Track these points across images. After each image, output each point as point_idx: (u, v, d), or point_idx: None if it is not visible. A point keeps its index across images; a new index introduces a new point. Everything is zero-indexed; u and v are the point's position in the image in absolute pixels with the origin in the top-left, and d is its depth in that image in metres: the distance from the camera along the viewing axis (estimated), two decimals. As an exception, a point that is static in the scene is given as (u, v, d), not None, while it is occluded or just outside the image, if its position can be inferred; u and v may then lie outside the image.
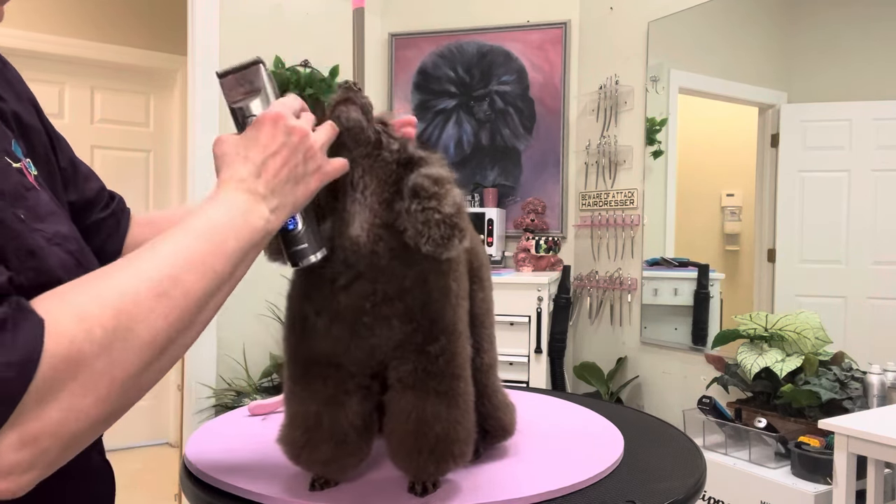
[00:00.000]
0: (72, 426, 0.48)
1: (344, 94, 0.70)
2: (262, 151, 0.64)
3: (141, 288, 0.52)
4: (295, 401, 0.74)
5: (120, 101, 4.12)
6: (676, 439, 0.97)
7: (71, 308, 0.49)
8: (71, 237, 0.63)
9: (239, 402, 2.74)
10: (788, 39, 2.57)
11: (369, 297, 0.68)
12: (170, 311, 0.53)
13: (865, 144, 2.28)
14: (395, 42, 3.46)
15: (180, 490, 1.76)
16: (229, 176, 0.63)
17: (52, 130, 0.78)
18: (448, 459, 0.72)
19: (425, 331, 0.69)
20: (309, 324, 0.71)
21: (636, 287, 2.97)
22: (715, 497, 2.13)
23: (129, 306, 0.51)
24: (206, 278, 0.57)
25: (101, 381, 0.49)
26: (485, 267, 0.87)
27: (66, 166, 0.79)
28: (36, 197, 0.61)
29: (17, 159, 0.62)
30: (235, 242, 0.59)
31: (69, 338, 0.47)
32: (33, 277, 0.54)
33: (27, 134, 0.69)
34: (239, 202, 0.61)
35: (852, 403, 2.07)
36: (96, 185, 0.84)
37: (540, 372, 2.71)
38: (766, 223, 2.57)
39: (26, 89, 0.76)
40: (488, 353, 0.85)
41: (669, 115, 2.89)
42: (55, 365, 0.46)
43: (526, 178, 3.29)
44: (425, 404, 0.70)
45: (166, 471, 3.73)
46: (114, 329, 0.49)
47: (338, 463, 0.74)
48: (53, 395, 0.46)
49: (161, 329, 0.53)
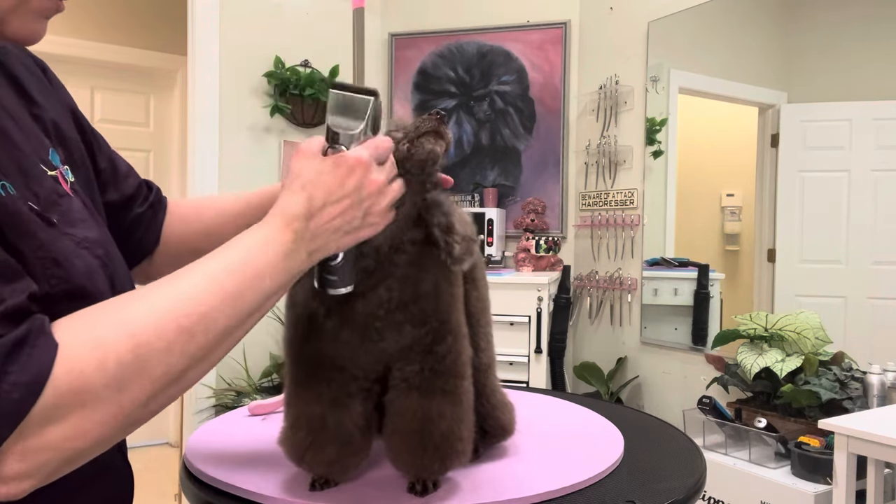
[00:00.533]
0: (74, 444, 0.49)
1: (435, 125, 0.70)
2: (326, 195, 0.61)
3: (165, 321, 0.52)
4: (298, 403, 0.74)
5: (120, 101, 4.12)
6: (676, 439, 0.97)
7: (90, 336, 0.49)
8: (98, 242, 0.64)
9: (239, 402, 2.74)
10: (788, 39, 2.57)
11: (384, 304, 0.69)
12: (190, 347, 0.53)
13: (865, 144, 2.28)
14: (395, 42, 3.46)
15: (180, 490, 1.76)
16: (282, 209, 0.61)
17: (90, 133, 0.80)
18: (451, 457, 0.72)
19: (435, 332, 0.71)
20: (316, 324, 0.71)
21: (636, 287, 2.97)
22: (715, 497, 2.13)
23: (150, 339, 0.51)
24: (233, 317, 0.56)
25: (107, 409, 0.49)
26: (478, 266, 0.87)
27: (105, 167, 0.81)
28: (69, 203, 0.63)
29: (53, 167, 0.64)
30: (270, 282, 0.58)
31: (80, 368, 0.48)
32: (56, 284, 0.55)
33: (66, 142, 0.71)
34: (283, 242, 0.59)
35: (852, 403, 2.07)
36: (135, 182, 0.86)
37: (540, 372, 2.71)
38: (766, 223, 2.57)
39: (66, 95, 0.78)
40: (486, 353, 0.86)
41: (669, 115, 2.89)
42: (61, 392, 0.47)
43: (526, 178, 3.29)
44: (431, 403, 0.71)
45: (166, 471, 3.73)
46: (129, 362, 0.50)
47: (341, 463, 0.75)
48: (58, 417, 0.48)
49: (177, 364, 0.52)
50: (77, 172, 0.70)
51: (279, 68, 3.05)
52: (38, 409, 0.47)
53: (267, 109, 3.07)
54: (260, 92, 3.09)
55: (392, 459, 0.76)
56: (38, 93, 0.71)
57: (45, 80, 0.74)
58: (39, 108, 0.69)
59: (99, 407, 0.49)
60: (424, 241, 0.70)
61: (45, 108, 0.69)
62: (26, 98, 0.69)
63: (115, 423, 0.50)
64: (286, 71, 3.06)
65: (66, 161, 0.69)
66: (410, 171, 0.70)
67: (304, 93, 3.06)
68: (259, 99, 3.08)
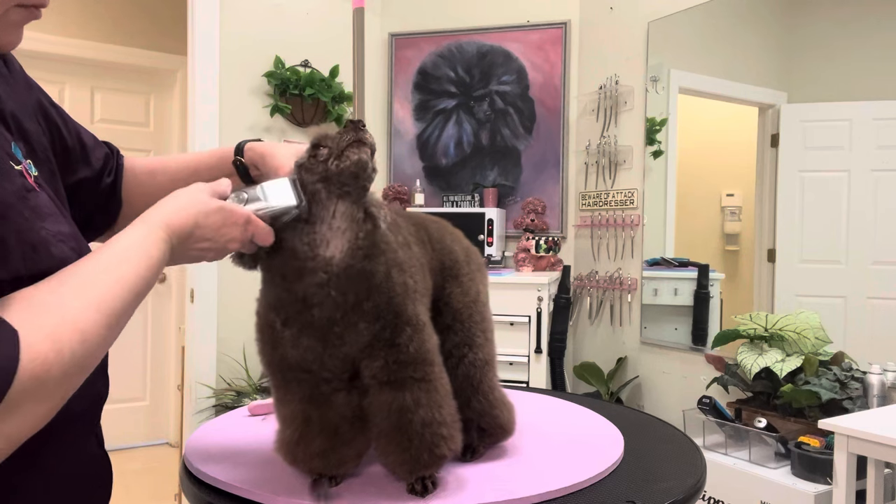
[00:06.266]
0: (25, 428, 0.51)
1: (354, 135, 0.72)
2: (204, 231, 0.70)
3: (100, 316, 0.56)
4: (280, 405, 0.77)
5: (120, 101, 4.12)
6: (676, 439, 0.97)
7: (42, 328, 0.52)
8: (71, 236, 0.65)
9: (239, 402, 2.74)
10: (788, 39, 2.57)
11: (340, 306, 0.71)
12: (112, 338, 0.58)
13: (865, 144, 2.28)
14: (395, 42, 3.46)
15: (180, 490, 1.76)
16: (168, 222, 0.67)
17: (56, 114, 0.80)
18: (440, 443, 0.73)
19: (392, 325, 0.72)
20: (276, 333, 0.73)
21: (636, 287, 2.97)
22: (715, 497, 2.13)
23: (92, 335, 0.55)
24: (132, 309, 0.61)
25: (57, 394, 0.53)
26: (461, 263, 0.88)
27: (73, 144, 0.82)
28: (36, 198, 0.63)
29: (18, 161, 0.64)
30: (152, 278, 0.64)
31: (42, 357, 0.50)
32: (32, 267, 0.58)
33: (27, 136, 0.71)
34: (163, 249, 0.66)
35: (852, 403, 2.07)
36: (101, 153, 0.88)
37: (540, 372, 2.71)
38: (766, 223, 2.57)
39: (26, 82, 0.77)
40: (483, 349, 0.86)
41: (669, 115, 2.89)
42: (26, 380, 0.49)
43: (526, 178, 3.29)
44: (404, 393, 0.73)
45: (166, 471, 3.73)
46: (80, 354, 0.53)
47: (335, 454, 0.75)
48: (20, 404, 0.49)
49: (100, 355, 0.57)
50: (40, 167, 0.70)
51: (279, 68, 3.05)
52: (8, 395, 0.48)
53: (267, 109, 3.07)
54: (260, 92, 3.09)
55: (384, 464, 0.76)
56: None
57: (4, 70, 0.73)
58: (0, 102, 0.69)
59: (51, 395, 0.51)
60: (372, 230, 0.72)
61: (3, 101, 0.69)
62: None
63: (50, 415, 0.53)
64: (286, 71, 3.06)
65: (28, 155, 0.69)
66: (346, 182, 0.72)
67: (305, 93, 3.06)
68: (259, 99, 3.08)
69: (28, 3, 0.59)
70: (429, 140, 3.44)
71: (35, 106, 0.76)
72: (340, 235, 0.72)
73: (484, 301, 0.90)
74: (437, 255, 0.85)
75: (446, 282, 0.85)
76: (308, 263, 0.71)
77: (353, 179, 0.72)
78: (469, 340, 0.85)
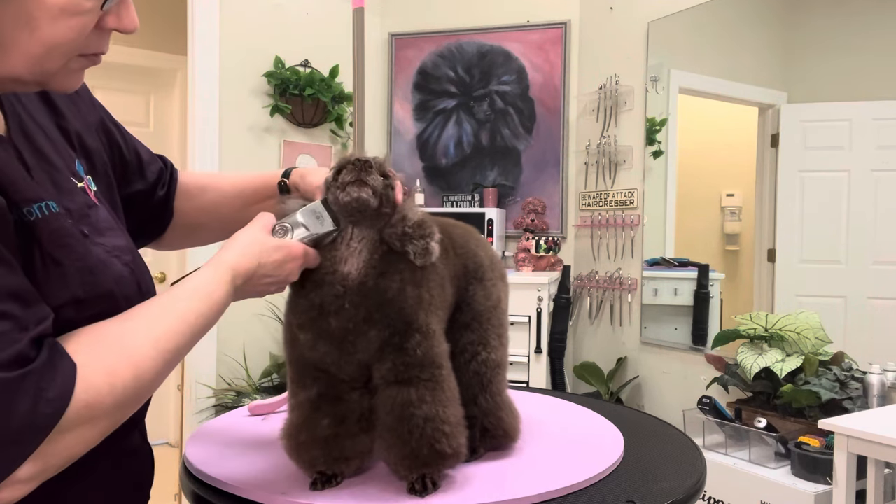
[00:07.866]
0: (76, 451, 0.58)
1: (356, 175, 0.75)
2: (267, 269, 0.75)
3: (157, 353, 0.62)
4: (295, 394, 0.80)
5: (120, 101, 4.12)
6: (676, 439, 0.97)
7: (101, 362, 0.59)
8: (127, 249, 0.71)
9: (239, 402, 2.74)
10: (788, 39, 2.57)
11: (353, 318, 0.74)
12: (166, 374, 0.64)
13: (865, 144, 2.28)
14: (395, 42, 3.46)
15: (180, 490, 1.76)
16: (233, 266, 0.73)
17: (117, 130, 0.87)
18: (441, 438, 0.73)
19: (401, 332, 0.75)
20: (294, 335, 0.78)
21: (636, 287, 2.97)
22: (715, 497, 2.13)
23: (148, 370, 0.61)
24: (191, 346, 0.67)
25: (109, 422, 0.59)
26: (485, 268, 0.89)
27: (131, 159, 0.89)
28: (97, 213, 0.70)
29: (80, 178, 0.70)
30: (214, 317, 0.70)
31: (96, 389, 0.57)
32: (89, 290, 0.63)
33: (89, 153, 0.77)
34: (228, 291, 0.72)
35: (852, 403, 2.07)
36: (156, 167, 0.94)
37: (540, 372, 2.71)
38: (766, 223, 2.57)
39: (90, 100, 0.83)
40: (496, 351, 0.87)
41: (669, 115, 2.89)
42: (79, 408, 0.56)
43: (526, 178, 3.29)
44: (409, 390, 0.74)
45: (166, 471, 3.71)
46: (131, 388, 0.60)
47: (337, 445, 0.76)
48: (72, 429, 0.56)
49: (155, 387, 0.64)
50: (99, 181, 0.75)
51: (279, 68, 3.05)
52: (62, 421, 0.54)
53: (267, 110, 3.07)
54: (260, 92, 3.09)
55: (386, 460, 0.77)
56: (63, 104, 0.75)
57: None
58: (65, 120, 0.74)
59: (101, 422, 0.58)
60: (389, 251, 0.76)
61: (69, 120, 0.74)
62: (54, 110, 0.73)
63: (102, 437, 0.60)
64: (286, 71, 3.06)
65: (89, 171, 0.74)
66: (352, 214, 0.76)
67: (305, 93, 3.06)
68: (259, 99, 3.08)
69: (89, 53, 0.62)
70: (429, 140, 3.44)
71: (98, 124, 0.83)
72: (357, 255, 0.76)
73: (504, 309, 0.91)
74: (461, 260, 0.86)
75: (470, 284, 0.87)
76: (327, 277, 0.75)
77: (357, 213, 0.75)
78: (484, 340, 0.86)
